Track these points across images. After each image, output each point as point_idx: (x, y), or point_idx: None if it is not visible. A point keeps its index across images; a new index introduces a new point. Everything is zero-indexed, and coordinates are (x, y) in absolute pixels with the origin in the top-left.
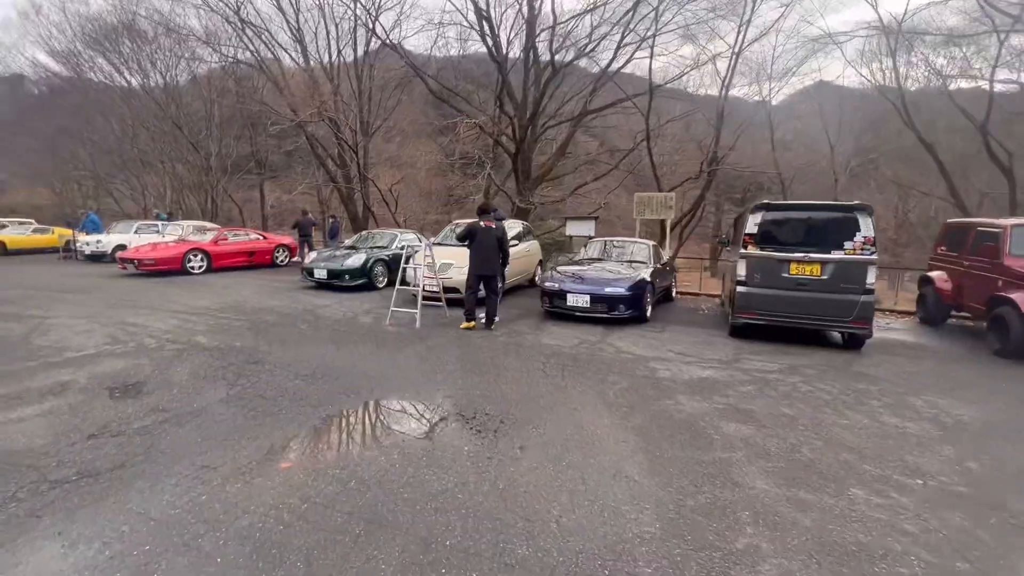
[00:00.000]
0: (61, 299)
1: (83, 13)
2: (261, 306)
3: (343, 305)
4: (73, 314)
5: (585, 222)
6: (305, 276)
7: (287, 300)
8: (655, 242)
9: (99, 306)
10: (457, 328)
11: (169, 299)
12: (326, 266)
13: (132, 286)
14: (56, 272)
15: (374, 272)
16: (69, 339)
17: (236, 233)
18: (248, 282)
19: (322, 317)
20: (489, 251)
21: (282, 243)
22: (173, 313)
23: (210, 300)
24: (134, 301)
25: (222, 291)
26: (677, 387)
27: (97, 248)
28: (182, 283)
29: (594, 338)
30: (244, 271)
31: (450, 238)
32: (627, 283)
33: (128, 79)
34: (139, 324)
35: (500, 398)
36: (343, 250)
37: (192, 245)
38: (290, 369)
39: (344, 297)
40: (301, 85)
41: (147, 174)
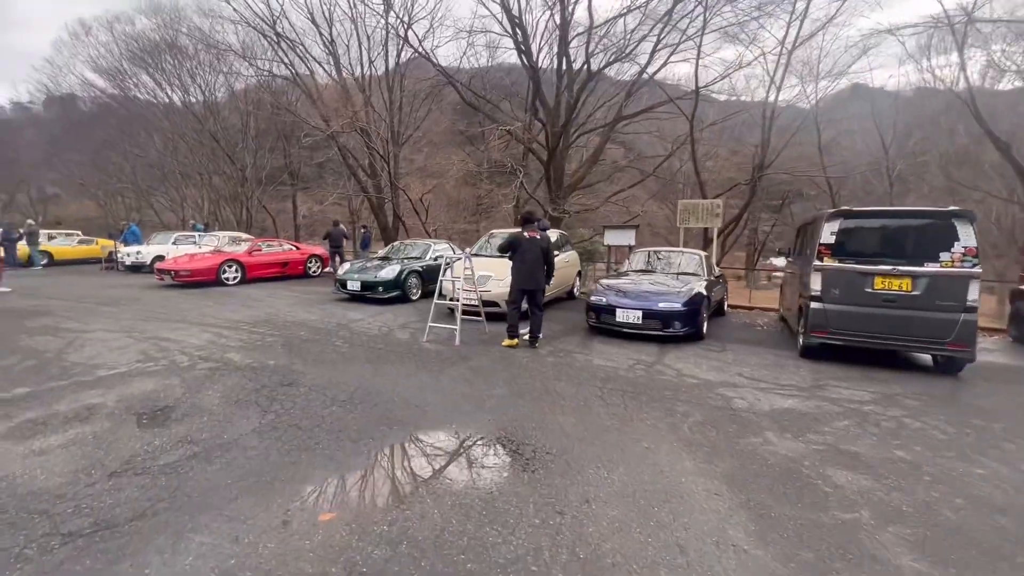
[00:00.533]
0: (99, 311)
1: (129, 32)
2: (294, 320)
3: (378, 319)
4: (109, 327)
5: (624, 231)
6: (338, 288)
7: (321, 313)
8: (706, 252)
9: (135, 319)
10: (499, 346)
11: (203, 312)
12: (359, 278)
13: (168, 298)
14: (98, 283)
15: (408, 284)
16: (102, 355)
17: (270, 244)
18: (281, 293)
19: (357, 332)
20: (534, 264)
21: (314, 253)
22: (206, 327)
23: (244, 313)
24: (169, 314)
25: (256, 303)
26: (760, 420)
27: (137, 259)
28: (217, 294)
29: (649, 358)
30: (277, 282)
31: (487, 248)
32: (682, 297)
33: (169, 95)
34: (172, 339)
35: (559, 432)
36: (376, 261)
37: (227, 256)
38: (326, 393)
39: (378, 310)
40: (334, 97)
41: (186, 186)
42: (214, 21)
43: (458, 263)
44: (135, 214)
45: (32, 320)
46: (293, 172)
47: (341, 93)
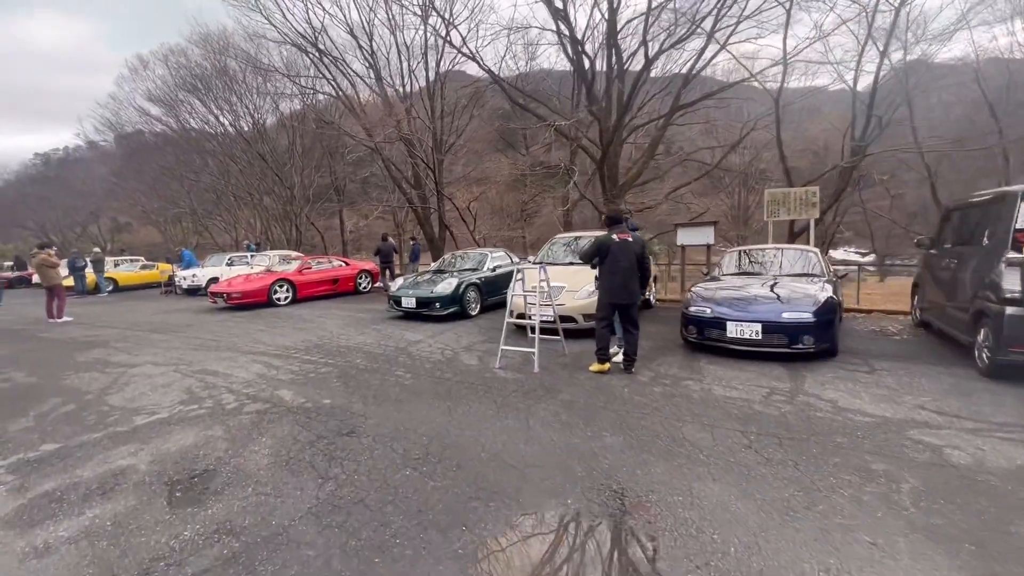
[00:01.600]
0: (150, 340)
1: (182, 63)
2: (349, 344)
3: (438, 340)
4: (157, 359)
5: (700, 229)
6: (392, 306)
7: (375, 335)
8: (818, 249)
9: (185, 348)
10: (585, 371)
11: (254, 337)
12: (414, 294)
13: (220, 322)
14: (155, 308)
15: (466, 298)
16: (144, 396)
17: (319, 261)
18: (333, 313)
19: (418, 358)
20: (627, 272)
21: (364, 269)
22: (256, 356)
23: (295, 337)
24: (219, 341)
25: (307, 325)
26: (1013, 489)
27: (193, 282)
28: (268, 316)
29: (783, 384)
30: (328, 300)
31: (552, 256)
32: (813, 305)
33: (220, 119)
34: (220, 372)
35: (725, 513)
36: (430, 275)
37: (277, 276)
38: (395, 447)
39: (437, 329)
40: (376, 110)
41: (238, 208)
42: (259, 44)
43: (529, 273)
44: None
45: (83, 353)
46: (339, 188)
47: (383, 105)
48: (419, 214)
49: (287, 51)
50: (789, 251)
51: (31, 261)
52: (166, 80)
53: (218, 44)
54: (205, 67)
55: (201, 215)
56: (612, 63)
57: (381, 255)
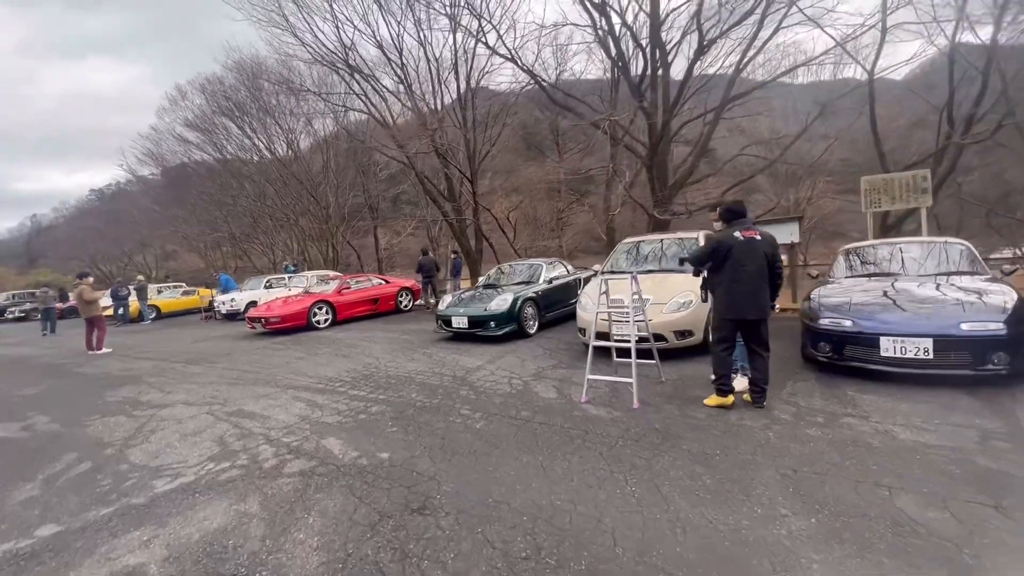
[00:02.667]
0: (186, 374)
1: (218, 90)
2: (399, 373)
3: (500, 366)
4: (190, 398)
5: (781, 226)
6: (440, 326)
7: (427, 361)
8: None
9: (221, 382)
10: (698, 405)
11: (294, 368)
12: (466, 312)
13: (258, 350)
14: (194, 336)
15: (524, 315)
16: (170, 450)
17: (358, 280)
18: (377, 335)
19: (483, 390)
20: (755, 279)
21: (405, 286)
22: (298, 392)
23: (339, 366)
24: (257, 373)
25: (351, 351)
26: None
27: (232, 307)
28: (308, 342)
29: (989, 422)
30: (370, 321)
31: (620, 264)
32: (999, 312)
33: (255, 143)
34: (257, 415)
35: None
36: (479, 290)
37: (316, 298)
38: (488, 535)
39: (494, 352)
40: (408, 124)
41: (275, 231)
42: (291, 67)
43: (612, 284)
44: (233, 261)
45: (114, 391)
46: (372, 206)
47: (415, 119)
48: (455, 227)
49: (318, 72)
50: (928, 245)
51: (72, 292)
52: (203, 108)
53: (251, 68)
54: (240, 91)
55: (239, 239)
56: (656, 57)
57: (423, 271)
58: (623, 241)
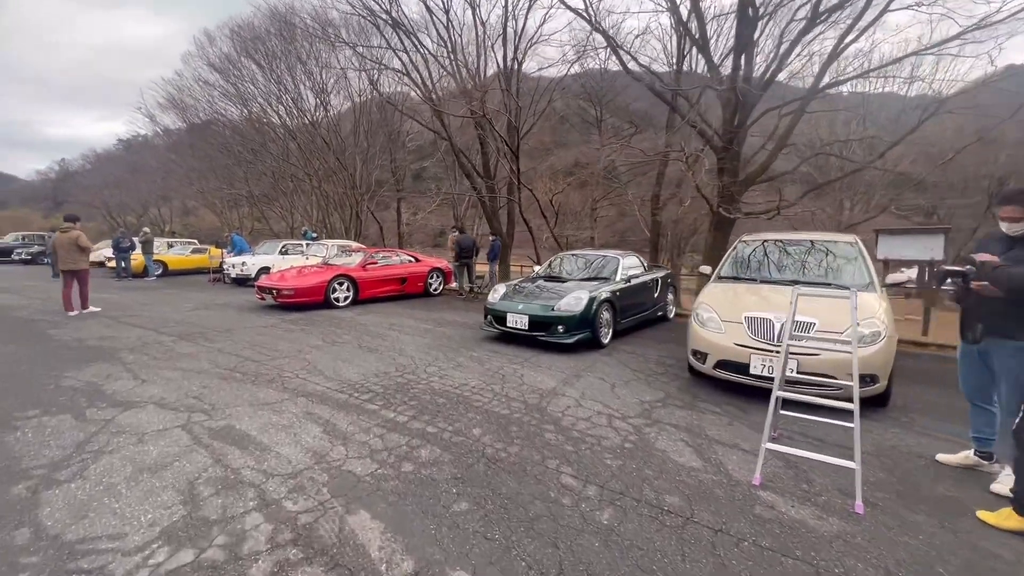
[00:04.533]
0: (171, 354)
1: (248, 34)
2: (446, 386)
3: (585, 393)
4: (166, 396)
5: (919, 238)
6: (490, 323)
7: (479, 371)
8: None
9: (211, 374)
10: (972, 518)
11: (307, 360)
12: (527, 310)
13: (265, 329)
14: (196, 299)
15: (599, 320)
16: (110, 501)
17: (385, 255)
18: (406, 324)
19: (579, 438)
20: None
21: (436, 267)
22: (311, 402)
23: (364, 364)
24: (259, 364)
25: (378, 343)
26: None
27: (242, 271)
28: (325, 323)
29: None
30: (395, 303)
31: (754, 270)
32: None
33: (282, 94)
34: (252, 442)
35: None
36: (539, 282)
37: (337, 271)
38: None
39: (567, 366)
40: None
41: (295, 193)
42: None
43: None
44: (250, 223)
45: (78, 369)
46: (399, 178)
47: (455, 86)
48: (487, 207)
49: (355, 25)
50: None
51: (60, 237)
52: (230, 53)
53: (284, 13)
54: (270, 36)
55: (258, 199)
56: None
57: (460, 250)
58: (744, 238)
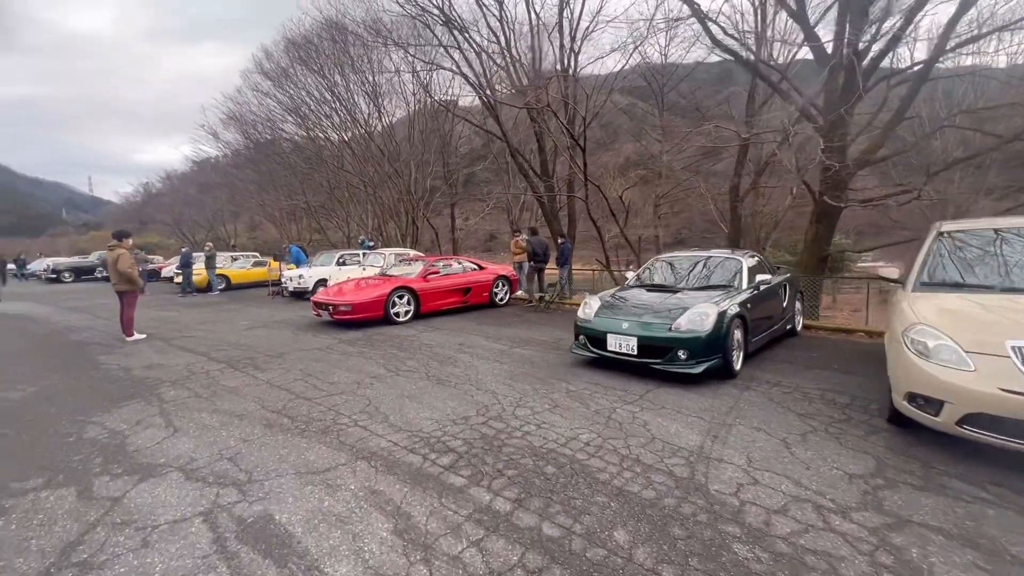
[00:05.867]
0: (216, 389)
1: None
2: (548, 439)
3: (753, 458)
4: (196, 457)
5: None
6: (583, 344)
7: (583, 413)
8: None
9: (255, 420)
10: None
11: (368, 399)
12: (634, 331)
13: (321, 354)
14: (254, 316)
15: (730, 340)
16: None
17: (447, 263)
18: (476, 343)
19: (784, 548)
20: None
21: (501, 274)
22: (375, 470)
23: (437, 406)
24: (313, 404)
25: (449, 372)
26: None
27: (299, 284)
28: (386, 345)
29: None
30: (459, 316)
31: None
32: None
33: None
34: (294, 552)
35: None
36: (642, 293)
37: (396, 283)
38: None
39: (703, 408)
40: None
41: (351, 202)
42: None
43: None
44: (308, 234)
45: (107, 412)
46: (452, 183)
47: (511, 81)
48: (546, 207)
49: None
50: None
51: (109, 256)
52: (285, 66)
53: (338, 20)
54: (323, 38)
55: (315, 210)
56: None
57: (533, 253)
58: (946, 228)
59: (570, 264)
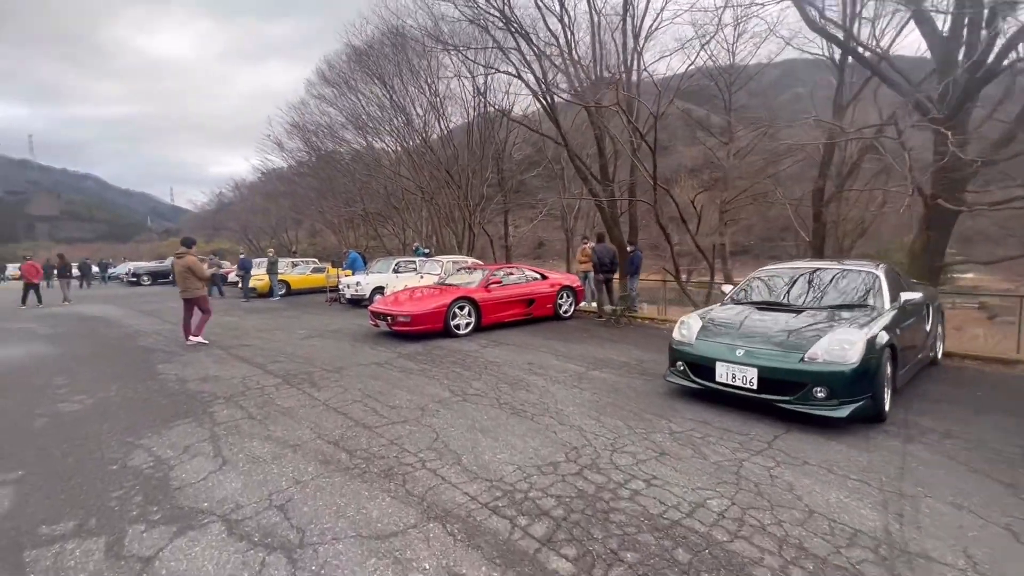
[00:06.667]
0: (270, 409)
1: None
2: (666, 504)
3: (980, 559)
4: (242, 504)
5: None
6: (683, 371)
7: (701, 467)
8: None
9: (308, 454)
10: None
11: (435, 433)
12: (753, 359)
13: (380, 370)
14: (312, 325)
15: (880, 375)
16: None
17: (508, 271)
18: (549, 365)
19: None
20: None
21: (566, 284)
22: (452, 538)
23: (516, 444)
24: (372, 435)
25: (522, 401)
26: None
27: (356, 291)
28: (448, 362)
29: None
30: (522, 329)
31: None
32: None
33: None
34: None
35: None
36: (750, 312)
37: (457, 293)
38: None
39: (853, 461)
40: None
41: (406, 209)
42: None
43: None
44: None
45: (156, 433)
46: (507, 190)
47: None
48: (606, 214)
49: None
50: None
51: (176, 263)
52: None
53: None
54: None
55: (373, 217)
56: None
57: (600, 262)
58: None
59: (639, 275)
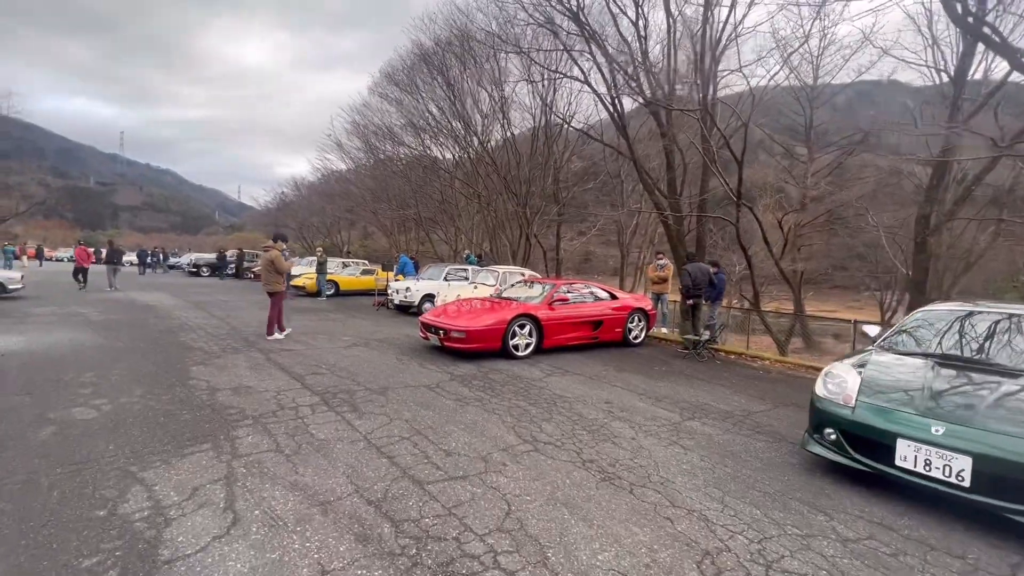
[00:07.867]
0: (302, 439)
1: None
2: None
3: None
4: None
5: None
6: (827, 442)
7: None
8: None
9: (343, 520)
10: None
11: (507, 503)
12: (964, 442)
13: (429, 398)
14: (357, 331)
15: None
16: None
17: (575, 288)
18: (633, 408)
19: None
20: None
21: (638, 307)
22: None
23: (621, 535)
24: (423, 495)
25: (613, 461)
26: None
27: (406, 298)
28: (509, 393)
29: None
30: (586, 354)
31: None
32: None
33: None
34: None
35: None
36: (931, 367)
37: (518, 309)
38: None
39: None
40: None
41: (460, 216)
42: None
43: None
44: (414, 245)
45: (165, 464)
46: (562, 202)
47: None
48: (671, 230)
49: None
50: None
51: (262, 256)
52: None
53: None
54: (451, 42)
55: (425, 222)
56: None
57: (692, 283)
58: None
59: (722, 300)
